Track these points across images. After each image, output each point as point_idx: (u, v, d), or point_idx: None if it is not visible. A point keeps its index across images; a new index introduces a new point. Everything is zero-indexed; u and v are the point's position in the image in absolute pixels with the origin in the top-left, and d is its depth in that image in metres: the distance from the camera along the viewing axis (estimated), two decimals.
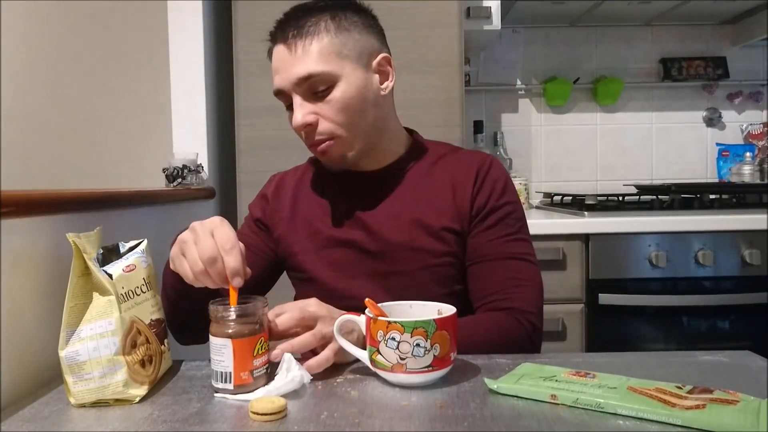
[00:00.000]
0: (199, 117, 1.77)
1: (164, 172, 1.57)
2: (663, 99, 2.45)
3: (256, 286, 1.04)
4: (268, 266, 1.08)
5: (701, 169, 2.46)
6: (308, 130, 0.94)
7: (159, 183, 1.58)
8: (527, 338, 0.94)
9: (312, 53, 0.91)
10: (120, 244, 0.82)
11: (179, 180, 1.57)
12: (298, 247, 1.04)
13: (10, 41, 1.01)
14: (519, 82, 2.43)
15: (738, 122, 2.46)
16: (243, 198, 1.72)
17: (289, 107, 0.97)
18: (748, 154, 2.35)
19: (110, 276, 0.75)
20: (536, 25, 2.41)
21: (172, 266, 0.80)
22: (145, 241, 0.84)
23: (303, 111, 0.93)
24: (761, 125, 2.44)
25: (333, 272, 1.01)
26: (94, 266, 0.74)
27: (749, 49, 2.41)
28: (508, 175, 1.04)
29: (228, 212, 1.88)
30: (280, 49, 0.94)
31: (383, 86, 0.99)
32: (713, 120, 2.45)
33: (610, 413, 0.64)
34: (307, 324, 0.80)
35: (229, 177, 1.86)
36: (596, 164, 2.46)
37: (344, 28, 0.94)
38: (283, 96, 0.96)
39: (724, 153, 2.42)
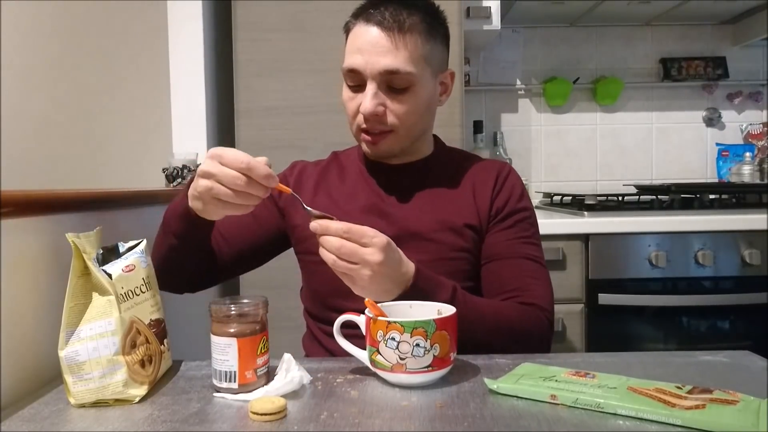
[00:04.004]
0: (199, 117, 1.77)
1: (164, 172, 1.57)
2: (663, 99, 2.45)
3: (254, 255, 1.10)
4: (269, 239, 1.10)
5: (701, 169, 2.46)
6: (374, 119, 0.96)
7: (159, 183, 1.58)
8: (544, 335, 0.97)
9: (407, 51, 0.94)
10: (119, 244, 0.82)
11: (179, 180, 1.57)
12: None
13: (11, 42, 1.01)
14: (519, 82, 2.43)
15: (738, 122, 2.46)
16: None
17: (354, 88, 0.98)
18: (747, 154, 2.35)
19: (110, 276, 0.75)
20: (536, 25, 2.41)
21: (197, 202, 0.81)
22: (145, 241, 0.84)
23: (376, 101, 0.95)
24: (761, 125, 2.44)
25: None
26: (93, 266, 0.74)
27: (749, 49, 2.41)
28: (524, 184, 1.09)
29: None
30: (373, 32, 0.94)
31: (441, 98, 1.05)
32: (713, 120, 2.44)
33: (610, 413, 0.64)
34: (353, 239, 0.79)
35: None
36: (596, 164, 2.46)
37: (433, 36, 0.98)
38: (355, 75, 0.96)
39: (723, 153, 2.42)
